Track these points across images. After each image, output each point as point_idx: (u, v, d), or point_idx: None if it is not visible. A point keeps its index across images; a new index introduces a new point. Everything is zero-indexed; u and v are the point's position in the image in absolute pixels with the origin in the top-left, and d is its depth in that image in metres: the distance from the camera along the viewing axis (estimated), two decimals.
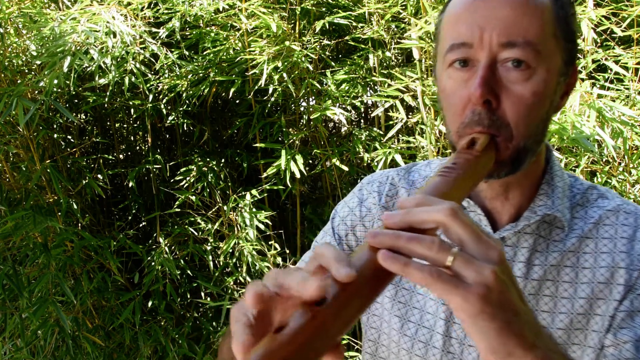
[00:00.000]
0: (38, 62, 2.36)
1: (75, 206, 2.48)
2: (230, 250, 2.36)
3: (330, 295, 0.43)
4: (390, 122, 2.43)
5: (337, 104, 2.50)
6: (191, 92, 2.44)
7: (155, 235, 2.61)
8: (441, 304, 0.76)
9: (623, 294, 0.69)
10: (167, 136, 3.07)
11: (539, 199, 0.73)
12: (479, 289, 0.45)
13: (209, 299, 2.57)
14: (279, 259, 2.44)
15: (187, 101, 2.54)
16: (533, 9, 0.64)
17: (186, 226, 2.52)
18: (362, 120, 3.13)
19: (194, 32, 2.42)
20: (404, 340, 0.78)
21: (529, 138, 0.67)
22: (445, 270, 0.46)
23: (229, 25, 2.42)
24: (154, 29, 2.37)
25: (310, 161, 2.68)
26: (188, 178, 2.55)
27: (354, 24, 2.52)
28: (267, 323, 0.45)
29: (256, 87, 2.33)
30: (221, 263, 2.41)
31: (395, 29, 2.48)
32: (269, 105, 2.46)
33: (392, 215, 0.50)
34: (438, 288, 0.46)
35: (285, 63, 2.28)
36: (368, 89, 2.58)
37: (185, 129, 2.92)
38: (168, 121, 2.72)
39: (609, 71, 2.14)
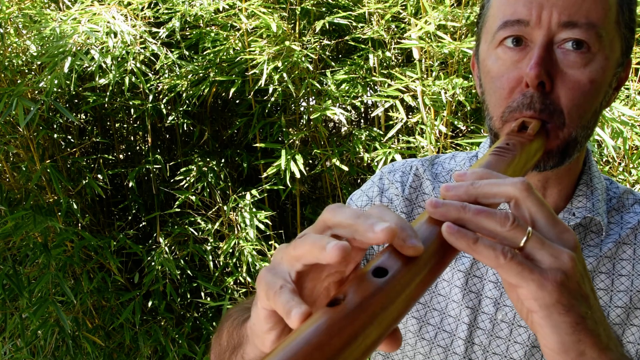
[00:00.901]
0: (38, 62, 2.36)
1: (75, 206, 2.48)
2: (230, 250, 2.36)
3: (392, 269, 0.37)
4: (390, 122, 2.43)
5: (337, 104, 2.50)
6: (191, 92, 2.44)
7: (155, 235, 2.61)
8: (465, 307, 0.70)
9: None
10: (167, 136, 3.07)
11: (578, 200, 0.69)
12: (557, 276, 0.40)
13: (209, 299, 2.57)
14: None
15: (187, 101, 2.54)
16: None
17: (186, 226, 2.52)
18: (362, 120, 3.13)
19: (194, 32, 2.42)
20: (422, 344, 0.72)
21: (581, 129, 0.62)
22: (518, 252, 0.41)
23: (229, 25, 2.42)
24: (154, 29, 2.37)
25: (310, 161, 2.69)
26: (188, 178, 2.55)
27: (354, 24, 2.52)
28: (303, 291, 0.41)
29: (256, 87, 2.33)
30: (221, 263, 2.41)
31: (395, 29, 2.48)
32: (269, 105, 2.46)
33: (455, 186, 0.44)
34: (511, 271, 0.40)
35: (285, 63, 2.28)
36: (368, 89, 2.58)
37: (185, 129, 2.92)
38: (168, 121, 2.72)
39: None
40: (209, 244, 2.52)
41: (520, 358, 0.67)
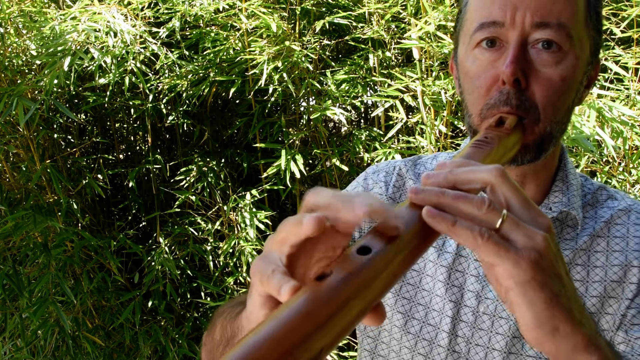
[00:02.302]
0: (38, 62, 2.36)
1: (75, 206, 2.48)
2: (230, 250, 2.36)
3: (375, 248, 0.40)
4: (390, 122, 2.43)
5: (337, 104, 2.50)
6: (191, 92, 2.44)
7: (155, 235, 2.61)
8: (448, 301, 0.73)
9: (635, 292, 0.68)
10: (167, 136, 3.07)
11: (554, 195, 0.72)
12: (531, 254, 0.43)
13: (209, 299, 2.57)
14: None
15: (187, 101, 2.54)
16: None
17: (186, 226, 2.52)
18: (362, 120, 3.13)
19: (194, 32, 2.42)
20: (407, 338, 0.75)
21: (555, 124, 0.66)
22: (494, 233, 0.43)
23: (229, 25, 2.42)
24: (154, 29, 2.37)
25: (310, 161, 2.69)
26: (188, 178, 2.55)
27: (354, 24, 2.52)
28: (294, 275, 0.43)
29: (256, 87, 2.33)
30: (221, 263, 2.41)
31: (395, 29, 2.48)
32: (269, 105, 2.46)
33: (435, 174, 0.47)
34: (488, 250, 0.42)
35: (285, 63, 2.28)
36: (368, 89, 2.58)
37: (185, 129, 2.92)
38: (168, 121, 2.72)
39: (609, 71, 2.14)
40: (209, 244, 2.52)
41: (502, 348, 0.70)
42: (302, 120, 2.62)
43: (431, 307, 0.75)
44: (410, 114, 2.40)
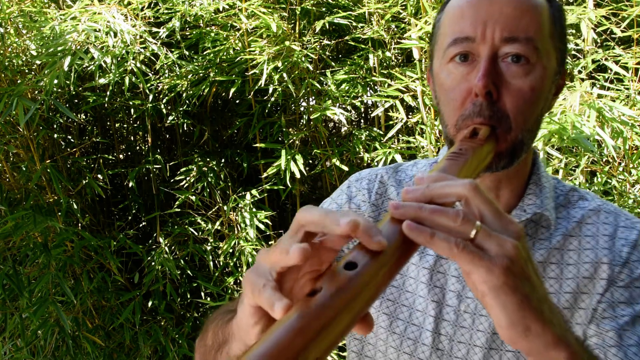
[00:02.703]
0: (38, 62, 2.36)
1: (75, 206, 2.48)
2: (230, 250, 2.36)
3: (360, 263, 0.43)
4: (390, 122, 2.43)
5: (337, 104, 2.50)
6: (191, 92, 2.44)
7: (155, 235, 2.61)
8: (431, 301, 0.77)
9: (605, 287, 0.72)
10: (167, 136, 3.07)
11: (528, 198, 0.76)
12: (503, 261, 0.46)
13: (209, 299, 2.57)
14: None
15: (187, 101, 2.54)
16: (533, 9, 0.67)
17: (186, 226, 2.52)
18: (362, 120, 3.13)
19: (194, 32, 2.42)
20: (393, 338, 0.78)
21: (526, 132, 0.69)
22: (469, 243, 0.47)
23: (229, 25, 2.42)
24: (154, 29, 2.37)
25: (310, 161, 2.69)
26: (188, 178, 2.55)
27: (354, 24, 2.52)
28: (283, 288, 0.47)
29: (256, 87, 2.33)
30: (221, 263, 2.41)
31: (395, 29, 2.48)
32: (269, 105, 2.46)
33: (413, 189, 0.50)
34: (463, 259, 0.46)
35: (285, 63, 2.28)
36: (368, 89, 2.58)
37: (185, 129, 2.92)
38: (168, 121, 2.72)
39: (609, 71, 2.14)
40: (209, 244, 2.51)
41: (483, 344, 0.74)
42: (302, 120, 2.62)
43: (415, 308, 0.78)
44: (410, 114, 2.40)
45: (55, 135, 2.63)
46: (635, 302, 0.70)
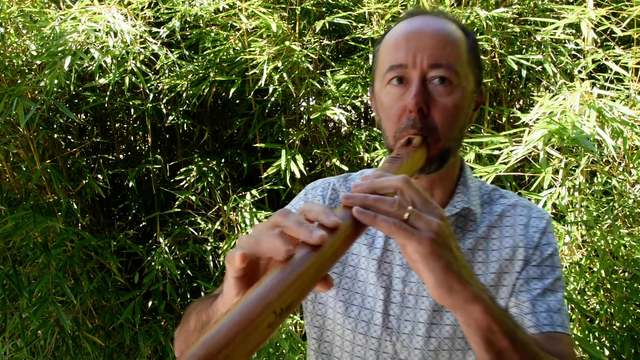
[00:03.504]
0: (38, 62, 2.36)
1: (75, 206, 2.48)
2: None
3: (324, 241, 0.56)
4: None
5: (337, 104, 2.50)
6: (191, 92, 2.44)
7: (155, 235, 2.61)
8: (380, 287, 0.90)
9: (522, 267, 0.87)
10: (167, 136, 3.07)
11: (457, 196, 0.91)
12: (429, 235, 0.59)
13: None
14: None
15: (187, 101, 2.54)
16: (453, 41, 0.83)
17: (186, 226, 2.52)
18: (362, 120, 3.13)
19: (194, 32, 2.42)
20: (349, 322, 0.91)
21: (451, 140, 0.84)
22: (404, 222, 0.60)
23: (229, 25, 2.42)
24: (154, 29, 2.37)
25: (310, 161, 2.68)
26: (188, 178, 2.55)
27: (354, 24, 2.52)
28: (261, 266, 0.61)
29: (256, 87, 2.33)
30: (221, 263, 2.41)
31: None
32: (269, 105, 2.46)
33: (360, 184, 0.63)
34: (399, 235, 0.59)
35: (285, 63, 2.28)
36: (368, 89, 2.58)
37: (185, 129, 2.92)
38: (168, 121, 2.72)
39: (609, 71, 2.14)
40: (209, 244, 2.51)
41: (425, 320, 0.88)
42: (302, 120, 2.62)
43: (366, 294, 0.91)
44: None
45: (55, 135, 2.63)
46: (545, 277, 0.86)
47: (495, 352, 0.65)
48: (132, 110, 2.70)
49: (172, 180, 2.67)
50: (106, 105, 2.67)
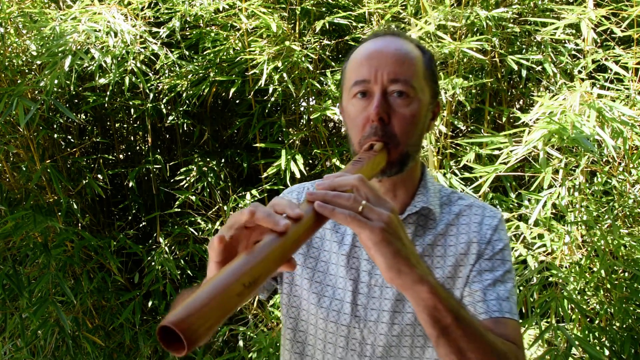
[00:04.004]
0: (38, 62, 2.36)
1: (75, 206, 2.48)
2: None
3: (290, 227, 0.65)
4: None
5: (337, 104, 2.50)
6: (191, 92, 2.44)
7: (155, 235, 2.61)
8: (348, 280, 1.00)
9: (475, 260, 0.97)
10: (167, 136, 3.07)
11: (418, 197, 1.01)
12: (380, 224, 0.68)
13: None
14: None
15: (187, 101, 2.54)
16: (410, 59, 0.94)
17: (186, 226, 2.52)
18: None
19: (194, 32, 2.42)
20: (321, 311, 1.01)
21: (410, 146, 0.95)
22: (358, 214, 0.68)
23: (229, 25, 2.42)
24: (154, 29, 2.37)
25: (310, 161, 2.69)
26: (188, 178, 2.55)
27: (354, 24, 2.52)
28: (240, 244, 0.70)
29: (256, 87, 2.33)
30: None
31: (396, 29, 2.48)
32: (269, 105, 2.46)
33: (322, 183, 0.73)
34: (355, 225, 0.68)
35: (285, 63, 2.28)
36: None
37: (185, 129, 2.92)
38: (168, 121, 2.72)
39: (609, 71, 2.14)
40: (209, 244, 2.51)
41: (389, 309, 0.97)
42: (302, 120, 2.62)
43: (337, 286, 1.01)
44: None
45: (55, 135, 2.63)
46: (496, 270, 0.96)
47: (440, 327, 0.73)
48: (132, 110, 2.70)
49: (172, 180, 2.67)
50: (106, 105, 2.67)
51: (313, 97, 2.53)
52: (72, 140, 2.78)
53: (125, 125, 3.00)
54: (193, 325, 0.52)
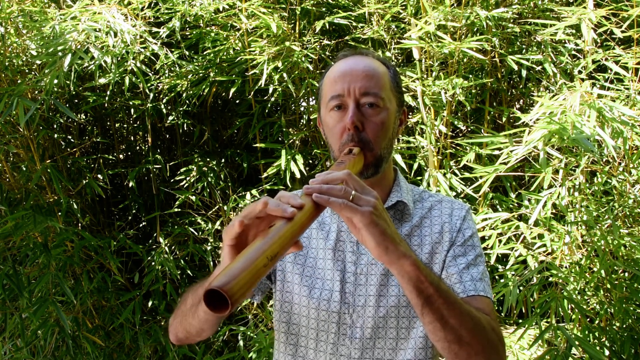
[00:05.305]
0: (38, 62, 2.36)
1: (75, 206, 2.48)
2: None
3: (295, 215, 0.78)
4: None
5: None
6: (191, 92, 2.44)
7: (155, 235, 2.61)
8: (336, 270, 1.12)
9: (449, 247, 1.10)
10: (167, 136, 3.07)
11: (393, 194, 1.15)
12: (369, 209, 0.80)
13: None
14: None
15: (187, 101, 2.54)
16: (378, 74, 1.09)
17: (186, 226, 2.52)
18: None
19: (194, 32, 2.42)
20: (312, 302, 1.12)
21: (383, 149, 1.08)
22: (350, 202, 0.80)
23: (229, 25, 2.42)
24: (154, 29, 2.37)
25: (310, 161, 2.69)
26: (188, 178, 2.55)
27: (354, 24, 2.52)
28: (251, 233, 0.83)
29: (256, 87, 2.33)
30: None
31: (395, 29, 2.48)
32: (269, 105, 2.46)
33: (316, 179, 0.84)
34: (347, 211, 0.79)
35: (285, 63, 2.28)
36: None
37: (185, 129, 2.92)
38: (168, 121, 2.72)
39: (609, 71, 2.14)
40: (209, 244, 2.51)
41: (374, 293, 1.09)
42: (302, 120, 2.62)
43: (325, 278, 1.13)
44: (410, 114, 2.40)
45: (55, 135, 2.63)
46: (468, 254, 1.09)
47: (424, 297, 0.85)
48: (132, 110, 2.70)
49: (172, 180, 2.67)
50: (106, 105, 2.67)
51: (313, 97, 2.53)
52: (72, 140, 2.78)
53: (125, 125, 3.00)
54: (234, 288, 0.65)
